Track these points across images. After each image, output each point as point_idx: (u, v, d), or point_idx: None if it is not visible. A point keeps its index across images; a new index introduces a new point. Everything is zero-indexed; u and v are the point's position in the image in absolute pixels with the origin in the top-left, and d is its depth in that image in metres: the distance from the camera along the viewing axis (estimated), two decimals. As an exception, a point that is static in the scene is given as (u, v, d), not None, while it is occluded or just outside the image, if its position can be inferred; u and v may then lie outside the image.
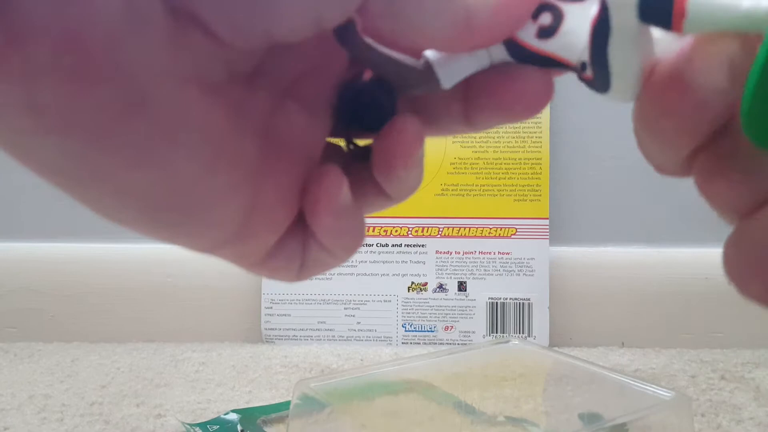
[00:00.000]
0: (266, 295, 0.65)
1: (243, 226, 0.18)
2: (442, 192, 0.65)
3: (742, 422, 0.45)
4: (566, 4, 0.17)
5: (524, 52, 0.18)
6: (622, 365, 0.58)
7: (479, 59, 0.19)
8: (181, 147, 0.15)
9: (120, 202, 0.16)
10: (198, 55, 0.15)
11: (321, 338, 0.65)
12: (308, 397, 0.36)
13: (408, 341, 0.65)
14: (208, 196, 0.17)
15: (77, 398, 0.50)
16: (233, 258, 0.19)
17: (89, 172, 0.15)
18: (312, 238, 0.20)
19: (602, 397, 0.39)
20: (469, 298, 0.64)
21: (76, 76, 0.13)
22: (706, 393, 0.50)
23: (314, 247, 0.20)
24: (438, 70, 0.19)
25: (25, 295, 0.67)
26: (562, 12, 0.17)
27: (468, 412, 0.37)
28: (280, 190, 0.18)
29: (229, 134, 0.17)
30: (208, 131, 0.16)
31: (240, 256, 0.19)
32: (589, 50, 0.17)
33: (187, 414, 0.46)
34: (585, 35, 0.17)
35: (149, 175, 0.15)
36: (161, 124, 0.15)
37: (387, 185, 0.20)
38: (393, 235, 0.65)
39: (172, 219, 0.17)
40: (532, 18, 0.18)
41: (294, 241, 0.20)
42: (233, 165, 0.17)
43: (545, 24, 0.17)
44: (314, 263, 0.20)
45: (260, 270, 0.20)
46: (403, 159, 0.19)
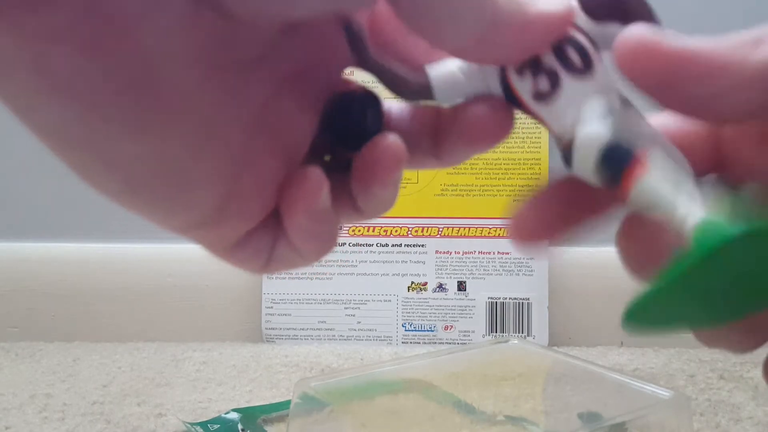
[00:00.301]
0: (267, 294, 0.65)
1: (218, 212, 0.18)
2: (442, 192, 0.65)
3: (740, 421, 0.45)
4: (567, 74, 0.18)
5: (518, 103, 0.19)
6: (621, 365, 0.58)
7: (476, 90, 0.19)
8: (176, 126, 0.16)
9: (107, 172, 0.16)
10: (209, 36, 0.15)
11: (321, 338, 0.65)
12: (308, 397, 0.36)
13: (408, 341, 0.65)
14: (191, 177, 0.17)
15: (78, 398, 0.50)
16: (202, 241, 0.20)
17: (84, 138, 0.15)
18: (283, 235, 0.20)
19: (601, 397, 0.39)
20: (468, 297, 0.64)
21: (90, 45, 0.14)
22: (704, 392, 0.50)
23: (284, 244, 0.20)
24: (436, 92, 0.19)
25: (26, 295, 0.67)
26: (561, 84, 0.18)
27: (468, 412, 0.37)
28: (259, 182, 0.19)
29: (223, 120, 0.17)
30: (205, 115, 0.16)
31: (209, 240, 0.20)
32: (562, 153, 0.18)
33: (188, 413, 0.47)
34: (573, 114, 0.18)
35: (140, 149, 0.16)
36: (161, 101, 0.15)
37: (362, 199, 0.20)
38: (393, 235, 0.65)
39: (153, 195, 0.17)
40: (532, 77, 0.18)
41: (265, 235, 0.20)
42: (221, 150, 0.17)
43: (542, 90, 0.18)
44: (281, 260, 0.21)
45: (227, 258, 0.20)
46: (382, 176, 0.19)
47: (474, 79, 0.19)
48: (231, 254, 0.20)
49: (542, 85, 0.18)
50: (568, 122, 0.18)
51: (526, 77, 0.18)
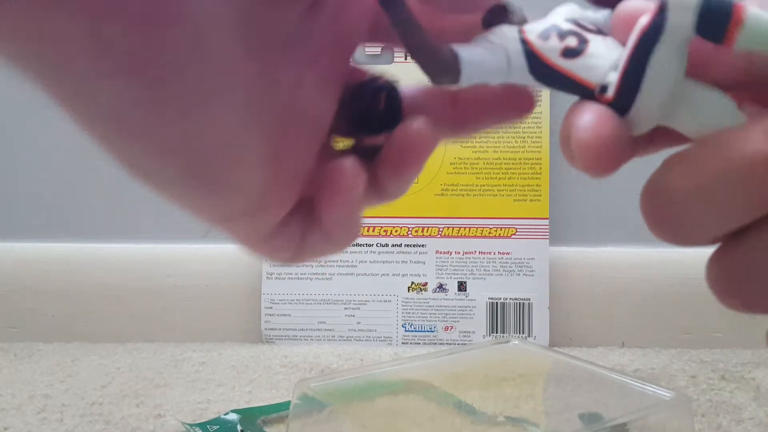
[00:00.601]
0: (266, 295, 0.65)
1: (261, 197, 0.18)
2: (442, 192, 0.65)
3: (742, 422, 0.45)
4: (589, 34, 0.18)
5: (545, 68, 0.19)
6: (622, 365, 0.58)
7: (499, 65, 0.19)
8: (225, 103, 0.16)
9: (164, 157, 0.16)
10: (249, 13, 0.16)
11: (321, 338, 0.65)
12: (308, 397, 0.36)
13: (408, 341, 0.65)
14: (241, 160, 0.17)
15: (77, 398, 0.50)
16: (239, 232, 0.20)
17: (143, 122, 0.15)
18: (316, 225, 0.20)
19: (602, 397, 0.39)
20: (469, 298, 0.64)
21: (147, 17, 0.14)
22: (706, 393, 0.50)
23: (316, 234, 0.21)
24: (463, 61, 0.19)
25: (26, 295, 0.67)
26: (587, 38, 0.18)
27: (468, 412, 0.37)
28: (294, 166, 0.19)
29: (263, 99, 0.17)
30: (249, 92, 0.17)
31: (247, 230, 0.20)
32: (627, 58, 0.17)
33: (187, 414, 0.46)
34: (608, 61, 0.18)
35: (196, 129, 0.16)
36: (211, 77, 0.15)
37: (391, 183, 0.21)
38: (393, 235, 0.65)
39: (205, 180, 0.17)
40: (559, 38, 0.18)
41: (295, 223, 0.20)
42: (263, 130, 0.17)
43: (571, 45, 0.18)
44: (312, 249, 0.21)
45: (261, 248, 0.21)
46: (415, 159, 0.20)
47: (495, 52, 0.19)
48: (265, 243, 0.20)
49: (570, 41, 0.18)
50: (603, 69, 0.18)
51: (551, 39, 0.18)
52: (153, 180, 0.17)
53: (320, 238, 0.21)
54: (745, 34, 0.16)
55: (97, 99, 0.15)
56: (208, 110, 0.16)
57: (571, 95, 0.19)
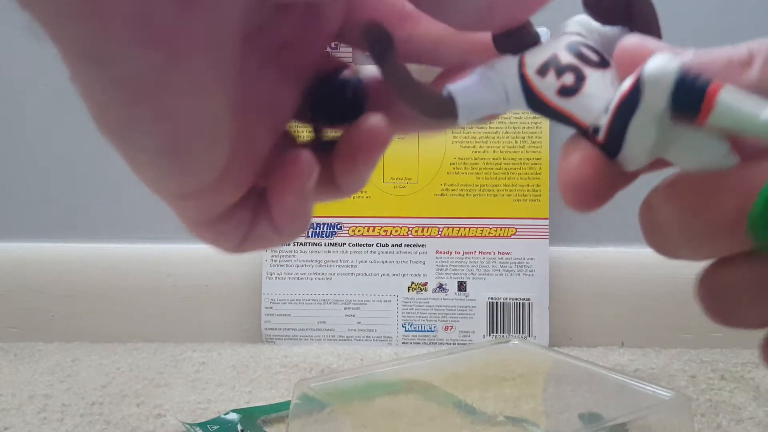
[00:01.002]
0: (266, 295, 0.65)
1: (220, 176, 0.19)
2: (442, 192, 0.65)
3: (741, 422, 0.45)
4: (588, 68, 0.19)
5: (542, 105, 0.19)
6: (621, 365, 0.58)
7: (497, 102, 0.20)
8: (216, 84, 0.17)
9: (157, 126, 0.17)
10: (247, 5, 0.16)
11: (321, 338, 0.65)
12: (308, 397, 0.36)
13: (408, 341, 0.65)
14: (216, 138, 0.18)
15: (77, 398, 0.50)
16: (193, 211, 0.20)
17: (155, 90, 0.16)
18: (264, 214, 0.21)
19: (602, 397, 0.39)
20: (469, 298, 0.64)
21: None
22: (705, 393, 0.50)
23: (264, 223, 0.21)
24: (459, 105, 0.19)
25: (26, 295, 0.67)
26: (585, 76, 0.19)
27: (468, 412, 0.37)
28: (251, 149, 0.20)
29: (234, 81, 0.18)
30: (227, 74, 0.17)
31: (199, 210, 0.20)
32: (609, 119, 0.18)
33: (187, 414, 0.47)
34: (602, 101, 0.18)
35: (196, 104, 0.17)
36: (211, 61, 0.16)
37: (344, 177, 0.21)
38: (393, 235, 0.65)
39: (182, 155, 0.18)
40: (557, 75, 0.19)
41: (245, 211, 0.21)
42: (230, 112, 0.18)
43: (567, 83, 0.19)
44: (258, 239, 0.21)
45: (208, 231, 0.21)
46: (366, 156, 0.20)
47: (493, 88, 0.20)
48: (212, 227, 0.21)
49: (567, 79, 0.19)
50: (596, 110, 0.18)
51: (548, 76, 0.19)
52: (133, 146, 0.17)
53: (268, 228, 0.21)
54: (717, 116, 0.16)
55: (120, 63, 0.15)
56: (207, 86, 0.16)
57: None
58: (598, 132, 0.18)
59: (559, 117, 0.19)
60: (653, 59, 0.17)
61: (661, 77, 0.16)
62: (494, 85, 0.20)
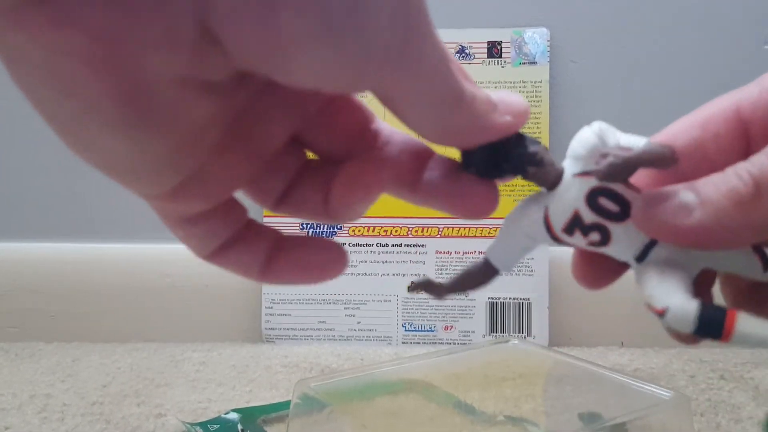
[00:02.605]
0: (266, 294, 0.65)
1: (176, 191, 0.19)
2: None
3: (741, 422, 0.45)
4: (611, 223, 0.20)
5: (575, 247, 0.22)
6: (621, 365, 0.58)
7: (528, 250, 0.23)
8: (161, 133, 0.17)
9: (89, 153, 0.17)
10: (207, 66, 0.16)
11: (321, 338, 0.65)
12: (308, 397, 0.36)
13: (408, 341, 0.65)
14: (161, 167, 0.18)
15: (78, 398, 0.50)
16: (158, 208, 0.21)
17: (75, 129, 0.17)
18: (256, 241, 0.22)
19: (602, 397, 0.39)
20: (468, 297, 0.64)
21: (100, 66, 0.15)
22: (705, 392, 0.50)
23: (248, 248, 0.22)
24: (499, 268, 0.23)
25: (26, 295, 0.67)
26: (610, 232, 0.21)
27: (468, 412, 0.37)
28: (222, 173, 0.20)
29: (203, 126, 0.18)
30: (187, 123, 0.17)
31: (164, 209, 0.20)
32: None
33: (187, 413, 0.47)
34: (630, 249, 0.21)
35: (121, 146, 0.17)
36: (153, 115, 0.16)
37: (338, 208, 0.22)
38: (393, 235, 0.65)
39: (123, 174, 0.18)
40: (583, 235, 0.21)
41: (217, 222, 0.21)
42: (194, 148, 0.18)
43: (595, 240, 0.21)
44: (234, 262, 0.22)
45: (177, 229, 0.21)
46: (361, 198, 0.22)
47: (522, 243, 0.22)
48: (181, 227, 0.21)
49: (594, 237, 0.21)
50: (629, 255, 0.21)
51: (575, 235, 0.21)
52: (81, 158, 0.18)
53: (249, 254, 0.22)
54: (736, 341, 0.19)
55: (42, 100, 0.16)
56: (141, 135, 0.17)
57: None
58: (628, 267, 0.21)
59: None
60: (674, 300, 0.19)
61: (682, 320, 0.19)
62: (523, 241, 0.22)
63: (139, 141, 0.17)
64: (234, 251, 0.22)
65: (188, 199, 0.19)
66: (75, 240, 0.69)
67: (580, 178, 0.20)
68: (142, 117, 0.16)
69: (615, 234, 0.20)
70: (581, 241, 0.20)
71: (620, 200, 0.20)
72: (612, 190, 0.20)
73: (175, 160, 0.18)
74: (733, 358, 0.59)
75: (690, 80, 0.65)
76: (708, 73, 0.65)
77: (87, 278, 0.67)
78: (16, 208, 0.69)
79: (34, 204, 0.69)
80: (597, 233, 0.20)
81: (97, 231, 0.69)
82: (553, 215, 0.21)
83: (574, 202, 0.20)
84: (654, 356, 0.60)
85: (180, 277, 0.67)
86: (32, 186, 0.69)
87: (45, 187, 0.69)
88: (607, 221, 0.20)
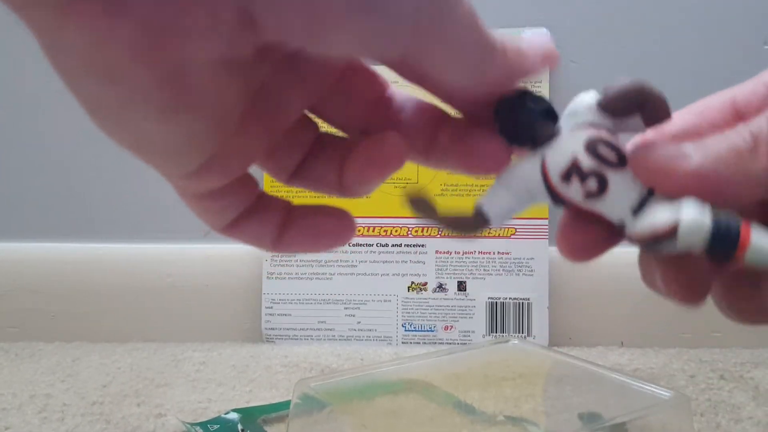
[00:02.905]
0: (267, 294, 0.65)
1: (201, 168, 0.19)
2: (442, 192, 0.65)
3: (741, 422, 0.45)
4: (609, 170, 0.20)
5: (568, 205, 0.21)
6: (621, 365, 0.58)
7: (523, 205, 0.22)
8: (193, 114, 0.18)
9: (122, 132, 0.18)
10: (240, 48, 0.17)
11: (321, 338, 0.65)
12: (308, 397, 0.36)
13: (408, 341, 0.65)
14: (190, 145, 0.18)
15: (78, 398, 0.50)
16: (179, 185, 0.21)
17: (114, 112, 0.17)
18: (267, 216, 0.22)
19: (602, 397, 0.39)
20: (468, 297, 0.64)
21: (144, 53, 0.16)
22: (705, 392, 0.50)
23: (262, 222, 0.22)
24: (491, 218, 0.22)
25: (26, 295, 0.67)
26: (607, 180, 0.20)
27: (468, 412, 0.37)
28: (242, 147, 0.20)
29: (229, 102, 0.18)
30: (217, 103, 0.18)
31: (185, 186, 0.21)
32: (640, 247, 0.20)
33: (187, 413, 0.47)
34: (627, 200, 0.20)
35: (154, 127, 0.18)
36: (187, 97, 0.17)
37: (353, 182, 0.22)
38: (393, 235, 0.65)
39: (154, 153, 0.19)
40: (581, 182, 0.20)
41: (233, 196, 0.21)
42: (220, 125, 0.19)
43: (592, 189, 0.20)
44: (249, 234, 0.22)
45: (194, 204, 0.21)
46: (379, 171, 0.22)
47: (518, 195, 0.21)
48: (199, 202, 0.21)
49: (591, 185, 0.20)
50: (624, 206, 0.20)
51: (572, 183, 0.20)
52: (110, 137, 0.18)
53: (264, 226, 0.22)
54: (749, 256, 0.18)
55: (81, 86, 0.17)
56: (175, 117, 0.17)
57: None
58: (625, 227, 0.20)
59: (586, 213, 0.21)
60: (688, 210, 0.18)
61: (696, 231, 0.18)
62: (518, 192, 0.21)
63: (174, 122, 0.17)
64: (248, 223, 0.22)
65: (210, 175, 0.20)
66: (75, 240, 0.69)
67: (580, 130, 0.21)
68: (179, 99, 0.17)
69: (612, 183, 0.20)
70: (578, 190, 0.20)
71: (619, 152, 0.20)
72: (611, 142, 0.20)
73: (204, 139, 0.18)
74: (733, 358, 0.59)
75: (690, 80, 0.65)
76: (708, 73, 0.65)
77: (87, 278, 0.67)
78: (16, 208, 0.69)
79: (34, 204, 0.69)
80: (595, 181, 0.20)
81: (97, 231, 0.69)
82: (550, 163, 0.21)
83: (574, 149, 0.20)
84: (654, 356, 0.61)
85: (180, 277, 0.67)
86: (32, 186, 0.69)
87: (45, 187, 0.69)
88: (605, 168, 0.20)
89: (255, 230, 0.22)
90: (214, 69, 0.17)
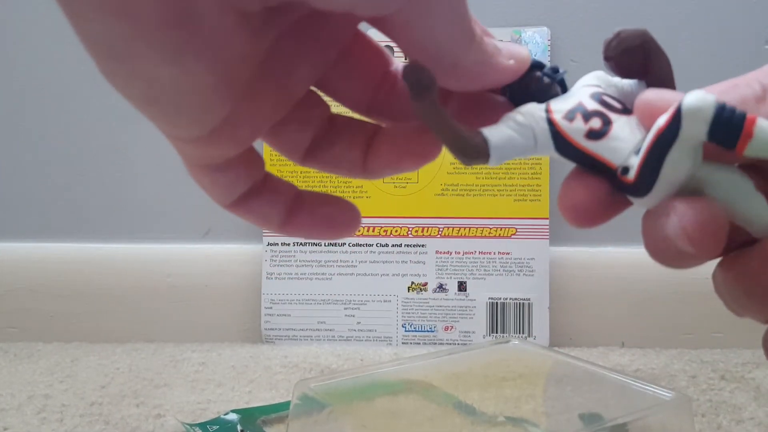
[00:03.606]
0: (266, 295, 0.65)
1: (212, 133, 0.19)
2: (442, 192, 0.65)
3: (742, 422, 0.45)
4: (613, 113, 0.20)
5: (570, 148, 0.20)
6: (622, 365, 0.58)
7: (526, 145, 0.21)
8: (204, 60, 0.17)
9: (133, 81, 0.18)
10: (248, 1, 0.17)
11: (321, 338, 0.65)
12: (308, 398, 0.36)
13: (408, 341, 0.65)
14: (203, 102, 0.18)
15: (77, 398, 0.50)
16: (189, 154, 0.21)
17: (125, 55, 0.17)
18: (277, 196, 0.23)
19: (602, 397, 0.39)
20: (469, 298, 0.64)
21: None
22: (706, 393, 0.50)
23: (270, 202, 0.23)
24: (491, 147, 0.20)
25: (25, 295, 0.67)
26: (611, 120, 0.20)
27: (468, 413, 0.37)
28: (252, 115, 0.20)
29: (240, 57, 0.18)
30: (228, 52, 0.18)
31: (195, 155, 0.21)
32: (644, 155, 0.19)
33: (186, 414, 0.46)
34: (630, 144, 0.19)
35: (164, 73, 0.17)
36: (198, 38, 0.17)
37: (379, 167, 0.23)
38: (393, 235, 0.65)
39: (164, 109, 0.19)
40: (584, 119, 0.20)
41: (242, 169, 0.21)
42: (231, 82, 0.18)
43: (595, 127, 0.20)
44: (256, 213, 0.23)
45: (203, 176, 0.21)
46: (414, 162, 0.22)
47: (523, 133, 0.21)
48: (208, 173, 0.21)
49: (594, 123, 0.20)
50: (627, 150, 0.19)
51: (576, 121, 0.20)
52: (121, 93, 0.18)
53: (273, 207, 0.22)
54: (754, 145, 0.17)
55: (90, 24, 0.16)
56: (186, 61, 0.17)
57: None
58: (628, 171, 0.19)
59: (587, 160, 0.20)
60: (690, 94, 0.18)
61: (700, 109, 0.17)
62: (523, 130, 0.21)
63: (185, 68, 0.17)
64: (256, 201, 0.22)
65: (220, 142, 0.20)
66: (74, 240, 0.69)
67: (586, 88, 0.21)
68: (188, 41, 0.17)
69: (616, 123, 0.20)
70: (581, 127, 0.20)
71: (623, 103, 0.20)
72: (617, 98, 0.20)
73: (215, 95, 0.18)
74: (734, 359, 0.59)
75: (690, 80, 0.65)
76: (708, 73, 0.65)
77: (87, 278, 0.67)
78: (16, 208, 0.69)
79: (34, 204, 0.69)
80: (598, 119, 0.20)
81: (97, 231, 0.69)
82: (555, 104, 0.21)
83: (579, 96, 0.20)
84: (655, 357, 0.60)
85: (180, 277, 0.67)
86: (32, 186, 0.69)
87: (45, 187, 0.69)
88: (609, 111, 0.20)
89: (262, 209, 0.23)
90: (225, 15, 0.17)
